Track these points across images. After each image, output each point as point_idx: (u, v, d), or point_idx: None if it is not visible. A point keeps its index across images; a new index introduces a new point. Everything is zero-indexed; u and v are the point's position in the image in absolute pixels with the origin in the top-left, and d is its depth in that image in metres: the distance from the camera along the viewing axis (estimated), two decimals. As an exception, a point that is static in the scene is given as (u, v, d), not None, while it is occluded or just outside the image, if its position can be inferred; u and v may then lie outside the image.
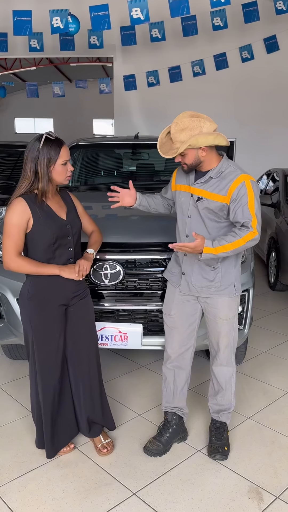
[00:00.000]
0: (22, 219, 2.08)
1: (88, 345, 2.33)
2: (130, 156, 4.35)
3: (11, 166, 6.76)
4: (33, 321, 2.18)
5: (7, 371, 3.29)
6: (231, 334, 2.35)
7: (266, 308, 4.73)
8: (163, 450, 2.40)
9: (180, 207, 2.32)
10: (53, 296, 2.18)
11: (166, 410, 2.51)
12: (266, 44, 9.13)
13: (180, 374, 2.45)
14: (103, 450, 2.38)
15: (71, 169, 2.16)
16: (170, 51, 9.31)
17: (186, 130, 2.07)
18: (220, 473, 2.27)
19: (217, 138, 2.11)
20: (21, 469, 2.28)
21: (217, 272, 2.25)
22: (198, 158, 2.14)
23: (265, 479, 2.23)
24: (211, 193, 2.17)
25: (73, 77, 17.82)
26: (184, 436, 2.53)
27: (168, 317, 2.41)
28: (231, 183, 2.13)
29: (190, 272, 2.28)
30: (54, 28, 6.64)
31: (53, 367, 2.24)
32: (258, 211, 2.14)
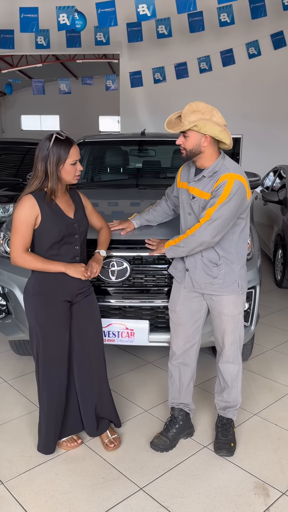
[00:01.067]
0: (31, 216, 2.10)
1: (94, 342, 2.34)
2: (136, 153, 4.35)
3: (18, 164, 6.78)
4: (38, 316, 2.20)
5: (14, 367, 3.32)
6: (236, 331, 2.35)
7: (273, 305, 4.72)
8: (169, 445, 2.42)
9: (182, 204, 2.35)
10: (58, 292, 2.20)
11: (172, 406, 2.53)
12: (273, 40, 9.06)
13: (186, 370, 2.46)
14: (110, 446, 2.40)
15: (80, 168, 2.17)
16: (177, 48, 9.28)
17: (198, 112, 2.09)
18: (226, 469, 2.28)
19: (223, 133, 2.11)
20: (29, 464, 2.30)
21: (220, 269, 2.25)
22: (199, 146, 2.14)
23: (271, 475, 2.24)
24: (201, 192, 2.20)
25: (79, 74, 17.81)
26: (190, 432, 2.54)
27: (173, 314, 2.42)
28: (216, 181, 2.15)
29: (194, 269, 2.29)
30: (61, 25, 6.65)
31: (59, 362, 2.26)
32: (224, 207, 2.09)
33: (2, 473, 2.24)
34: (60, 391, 2.30)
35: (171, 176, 3.89)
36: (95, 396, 2.38)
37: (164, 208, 2.65)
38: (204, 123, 2.07)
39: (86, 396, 2.37)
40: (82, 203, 2.34)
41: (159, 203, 2.68)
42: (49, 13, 6.94)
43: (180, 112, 2.16)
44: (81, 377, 2.35)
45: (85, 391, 2.37)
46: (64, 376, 2.29)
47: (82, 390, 2.37)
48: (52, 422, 2.31)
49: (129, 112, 10.33)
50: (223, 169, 2.17)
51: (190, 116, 2.10)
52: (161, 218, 2.67)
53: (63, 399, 2.32)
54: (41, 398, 2.30)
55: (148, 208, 2.70)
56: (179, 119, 2.16)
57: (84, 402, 2.38)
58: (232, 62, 9.11)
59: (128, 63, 9.85)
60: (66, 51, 9.61)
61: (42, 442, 2.35)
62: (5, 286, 2.84)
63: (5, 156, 6.89)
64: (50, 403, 2.28)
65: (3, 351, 3.55)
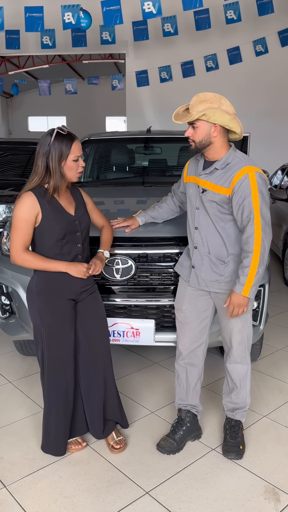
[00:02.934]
0: (31, 214, 2.04)
1: (101, 341, 2.29)
2: (142, 150, 4.29)
3: (24, 164, 6.76)
4: (43, 315, 2.15)
5: (19, 367, 3.27)
6: (244, 331, 2.29)
7: (282, 304, 4.64)
8: (176, 448, 2.35)
9: (189, 198, 2.28)
10: (62, 290, 2.15)
11: (179, 407, 2.46)
12: (280, 37, 8.96)
13: (193, 371, 2.40)
14: (116, 447, 2.34)
15: (82, 165, 2.11)
16: (183, 46, 9.22)
17: (206, 102, 2.03)
18: (235, 472, 2.21)
19: (233, 121, 2.04)
20: (33, 467, 2.25)
21: (227, 266, 2.18)
22: (208, 136, 2.07)
23: (282, 479, 2.16)
24: (215, 185, 2.11)
25: (85, 74, 17.81)
26: (198, 434, 2.48)
27: (179, 312, 2.36)
28: (234, 175, 2.06)
29: (200, 266, 2.23)
30: (66, 24, 6.62)
31: (65, 361, 2.21)
32: (263, 205, 2.04)
33: (4, 476, 2.19)
34: (68, 391, 2.24)
35: (177, 174, 3.83)
36: (102, 396, 2.32)
37: (170, 205, 2.58)
38: (213, 111, 2.01)
39: (93, 396, 2.31)
40: (83, 200, 2.28)
41: (164, 199, 2.62)
42: (54, 12, 6.92)
43: (188, 105, 2.11)
44: (88, 377, 2.30)
45: (92, 391, 2.31)
46: (71, 376, 2.24)
47: (88, 390, 2.31)
48: (61, 423, 2.25)
49: (135, 111, 10.28)
50: (237, 161, 2.10)
51: (198, 106, 2.03)
52: (166, 215, 2.61)
53: (71, 399, 2.27)
54: (49, 399, 2.24)
55: (154, 205, 2.64)
56: (187, 111, 2.10)
57: (90, 403, 2.32)
58: (239, 60, 9.03)
59: (134, 62, 9.81)
60: (72, 51, 9.59)
61: (52, 444, 2.29)
62: (9, 285, 2.80)
63: (11, 156, 6.87)
64: (58, 404, 2.23)
65: (7, 351, 3.51)
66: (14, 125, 21.60)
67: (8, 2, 7.98)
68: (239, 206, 2.05)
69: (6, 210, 5.48)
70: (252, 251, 2.04)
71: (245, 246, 2.06)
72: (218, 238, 2.18)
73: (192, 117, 2.03)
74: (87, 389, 2.31)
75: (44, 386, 2.25)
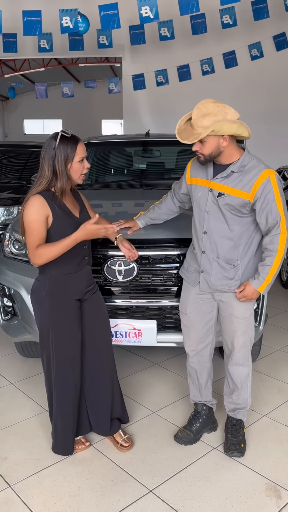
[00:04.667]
0: (42, 215, 2.04)
1: (105, 339, 2.33)
2: (141, 153, 4.33)
3: (22, 166, 6.78)
4: (52, 317, 2.17)
5: (20, 369, 3.29)
6: (247, 333, 2.31)
7: (279, 306, 4.68)
8: (193, 439, 2.43)
9: (197, 202, 2.25)
10: (69, 291, 2.18)
11: (195, 402, 2.53)
12: (275, 41, 9.05)
13: (202, 371, 2.45)
14: (125, 445, 2.37)
15: (87, 166, 2.13)
16: (179, 50, 9.28)
17: (210, 115, 1.99)
18: (237, 470, 2.25)
19: (240, 128, 2.03)
20: (37, 466, 2.27)
21: (237, 269, 2.20)
22: (218, 148, 2.05)
23: (283, 476, 2.20)
24: (233, 189, 2.10)
25: (81, 77, 17.88)
26: (214, 427, 2.55)
27: (184, 316, 2.39)
28: (256, 179, 2.05)
29: (209, 270, 2.23)
30: (64, 28, 6.66)
31: (74, 361, 2.24)
32: (285, 207, 2.08)
33: (9, 475, 2.21)
34: (76, 390, 2.27)
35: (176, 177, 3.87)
36: (110, 394, 2.36)
37: (169, 205, 2.57)
38: (220, 125, 1.97)
39: (101, 395, 2.34)
40: (83, 202, 2.32)
41: (164, 199, 2.60)
42: (52, 16, 6.96)
43: (189, 115, 2.07)
44: (94, 376, 2.33)
45: (99, 389, 2.34)
46: (78, 375, 2.27)
47: (95, 389, 2.34)
48: (70, 422, 2.28)
49: (132, 115, 10.33)
50: (253, 163, 2.10)
51: (202, 121, 1.99)
52: (165, 215, 2.60)
53: (78, 398, 2.30)
54: (57, 399, 2.26)
55: (153, 206, 2.64)
56: (189, 123, 2.07)
57: (96, 401, 2.35)
58: (235, 64, 9.11)
59: (131, 65, 9.87)
60: (69, 55, 9.65)
61: (60, 444, 2.32)
62: (11, 287, 2.82)
63: (9, 159, 6.89)
64: (66, 403, 2.26)
65: (8, 353, 3.53)
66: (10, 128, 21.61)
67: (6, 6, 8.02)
68: (263, 210, 2.07)
69: (4, 213, 5.49)
70: (276, 250, 2.09)
71: (269, 246, 2.10)
72: (229, 242, 2.18)
73: (200, 136, 1.98)
74: (94, 387, 2.34)
75: (52, 387, 2.26)
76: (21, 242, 2.84)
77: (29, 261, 2.77)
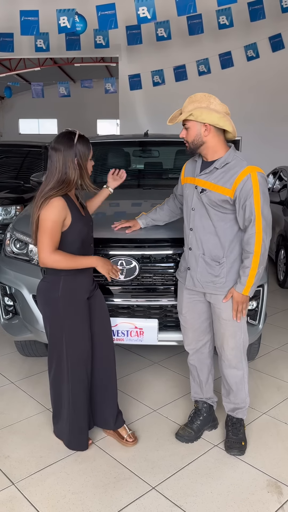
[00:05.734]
0: (61, 217, 2.07)
1: (108, 334, 2.37)
2: (140, 153, 4.35)
3: (18, 166, 6.77)
4: (67, 316, 2.18)
5: (20, 368, 3.30)
6: (238, 336, 2.29)
7: (276, 305, 4.72)
8: (194, 437, 2.45)
9: (186, 199, 2.29)
10: (81, 290, 2.21)
11: (195, 399, 2.55)
12: (271, 42, 9.11)
13: (202, 368, 2.48)
14: (129, 440, 2.41)
15: (92, 163, 2.19)
16: (175, 50, 9.32)
17: (195, 102, 2.09)
18: (238, 467, 2.27)
19: (222, 120, 2.06)
20: (40, 464, 2.28)
21: (222, 267, 2.21)
22: (200, 136, 2.10)
23: (283, 473, 2.23)
24: (215, 185, 2.12)
25: (76, 77, 17.86)
26: (215, 424, 2.57)
27: (181, 316, 2.43)
28: (236, 176, 2.08)
29: (195, 267, 2.26)
30: (61, 28, 6.66)
31: (87, 358, 2.27)
32: (264, 205, 2.07)
33: (13, 473, 2.22)
34: (88, 386, 2.32)
35: (174, 177, 3.89)
36: (114, 388, 2.40)
37: (171, 207, 2.62)
38: (200, 111, 2.04)
39: (106, 388, 2.38)
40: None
41: (166, 201, 2.65)
42: (49, 16, 6.96)
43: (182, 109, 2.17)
44: (100, 370, 2.36)
45: (106, 383, 2.38)
46: (90, 371, 2.31)
47: (102, 383, 2.38)
48: (85, 418, 2.32)
49: (128, 115, 10.36)
50: (237, 160, 2.13)
51: (188, 107, 2.10)
52: (168, 217, 2.65)
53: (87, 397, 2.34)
54: (72, 397, 2.27)
55: (155, 207, 2.68)
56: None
57: (104, 394, 2.39)
58: (231, 65, 9.16)
59: (127, 66, 9.89)
60: (66, 54, 9.64)
61: (76, 440, 2.34)
62: (12, 286, 2.83)
63: (5, 158, 6.88)
64: (81, 400, 2.28)
65: (8, 352, 3.54)
66: (5, 127, 21.54)
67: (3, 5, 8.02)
68: (241, 206, 2.09)
69: (2, 212, 5.49)
70: (253, 252, 2.09)
71: (246, 247, 2.11)
72: (214, 239, 2.20)
73: (180, 118, 2.08)
74: (101, 382, 2.37)
75: (62, 386, 2.29)
76: (23, 241, 2.85)
77: (30, 261, 2.79)
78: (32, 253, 2.79)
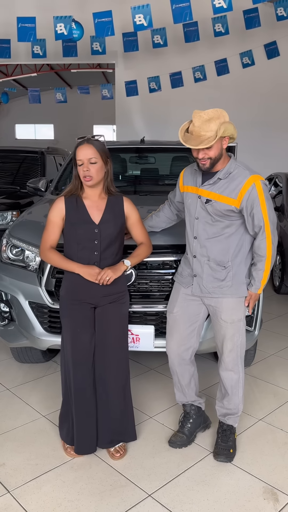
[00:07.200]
0: (57, 217, 2.22)
1: (116, 350, 2.30)
2: (136, 160, 4.37)
3: (15, 172, 6.78)
4: (63, 318, 2.28)
5: (16, 375, 3.29)
6: (236, 339, 2.32)
7: (272, 311, 4.74)
8: (187, 441, 2.44)
9: (188, 208, 2.32)
10: (80, 294, 2.23)
11: (182, 403, 2.54)
12: (266, 50, 9.21)
13: (183, 373, 2.45)
14: (116, 455, 2.36)
15: (86, 169, 2.15)
16: (172, 57, 9.39)
17: (213, 119, 2.06)
18: (234, 474, 2.27)
19: (235, 129, 2.13)
20: (35, 472, 2.27)
21: (228, 271, 2.24)
22: (221, 150, 2.14)
23: (279, 480, 2.23)
24: (220, 195, 2.16)
25: (73, 83, 17.93)
26: (207, 425, 2.57)
27: (170, 315, 2.41)
28: (241, 186, 2.12)
29: (201, 273, 2.28)
30: (58, 35, 6.69)
31: (80, 365, 2.24)
32: (270, 211, 2.15)
33: (8, 481, 2.21)
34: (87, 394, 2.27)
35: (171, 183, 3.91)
36: (110, 407, 2.32)
37: (167, 213, 2.64)
38: (225, 126, 2.07)
39: (101, 404, 2.32)
40: (123, 212, 2.30)
41: (162, 208, 2.67)
42: (46, 23, 6.99)
43: (187, 125, 2.14)
44: (100, 385, 2.31)
45: (100, 399, 2.32)
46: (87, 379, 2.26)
47: (98, 397, 2.32)
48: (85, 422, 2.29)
49: (124, 121, 10.40)
50: (239, 170, 2.16)
51: (209, 126, 2.04)
52: (164, 224, 2.67)
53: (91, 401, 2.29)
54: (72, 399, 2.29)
55: (151, 214, 2.70)
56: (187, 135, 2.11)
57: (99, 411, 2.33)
58: (226, 72, 9.24)
59: (124, 72, 9.95)
60: (62, 61, 9.68)
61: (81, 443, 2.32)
62: (8, 293, 2.83)
63: (2, 164, 6.89)
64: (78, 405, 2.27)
65: (4, 358, 3.52)
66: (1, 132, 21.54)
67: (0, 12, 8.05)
68: (249, 214, 2.15)
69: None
70: (265, 255, 2.19)
71: (258, 251, 2.21)
72: (219, 245, 2.23)
73: (217, 137, 2.03)
74: (98, 396, 2.32)
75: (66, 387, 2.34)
76: (19, 247, 2.85)
77: (26, 267, 2.79)
78: (29, 259, 2.80)
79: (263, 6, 8.26)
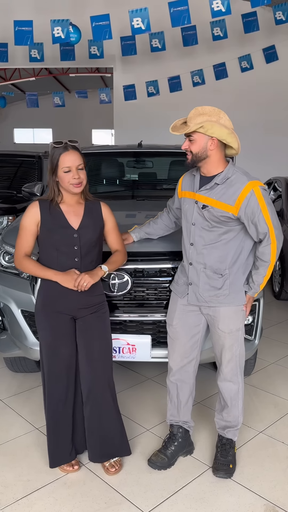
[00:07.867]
0: (31, 223, 2.13)
1: (101, 362, 2.21)
2: (133, 164, 4.29)
3: (12, 176, 6.70)
4: (40, 330, 2.19)
5: (9, 385, 3.19)
6: (235, 349, 2.24)
7: (272, 317, 4.65)
8: (167, 463, 2.32)
9: (185, 214, 2.25)
10: (58, 305, 2.15)
11: (171, 423, 2.43)
12: (265, 54, 9.17)
13: (183, 387, 2.36)
14: (111, 470, 2.27)
15: (75, 176, 2.08)
16: (170, 61, 9.35)
17: (204, 115, 2.03)
18: (234, 491, 2.18)
19: (230, 136, 2.04)
20: (27, 489, 2.18)
21: (225, 279, 2.17)
22: (205, 150, 2.06)
23: (281, 497, 2.14)
24: (217, 201, 2.09)
25: (71, 87, 17.91)
26: (190, 450, 2.44)
27: (170, 328, 2.33)
28: (239, 192, 2.05)
29: (197, 282, 2.20)
30: (55, 38, 6.64)
31: (57, 378, 2.17)
32: (273, 216, 2.08)
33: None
34: (59, 407, 2.19)
35: (168, 188, 3.84)
36: (99, 421, 2.24)
37: (165, 220, 2.56)
38: (211, 124, 2.00)
39: (89, 418, 2.25)
40: (101, 217, 2.24)
41: (160, 215, 2.59)
42: (43, 27, 6.94)
43: (185, 118, 2.10)
44: (86, 398, 2.23)
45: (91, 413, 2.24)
46: (63, 392, 2.19)
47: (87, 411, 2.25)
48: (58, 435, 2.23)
49: (123, 125, 10.35)
50: (237, 175, 2.09)
51: (196, 119, 2.03)
52: (162, 231, 2.59)
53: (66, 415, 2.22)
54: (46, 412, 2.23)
55: (149, 221, 2.62)
56: (184, 124, 2.09)
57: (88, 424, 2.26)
58: (225, 76, 9.19)
59: (122, 76, 9.90)
60: (60, 65, 9.65)
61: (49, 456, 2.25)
62: (0, 301, 2.74)
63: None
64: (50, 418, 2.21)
65: (-3, 368, 3.43)
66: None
67: (-3, 16, 8.01)
68: (251, 222, 2.07)
69: (-6, 223, 5.40)
70: (269, 261, 2.13)
71: (262, 256, 2.14)
72: (216, 252, 2.16)
73: (190, 129, 2.01)
74: (86, 410, 2.25)
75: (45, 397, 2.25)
76: (12, 254, 2.77)
77: (19, 274, 2.71)
78: (22, 267, 2.71)
79: (262, 10, 8.23)
